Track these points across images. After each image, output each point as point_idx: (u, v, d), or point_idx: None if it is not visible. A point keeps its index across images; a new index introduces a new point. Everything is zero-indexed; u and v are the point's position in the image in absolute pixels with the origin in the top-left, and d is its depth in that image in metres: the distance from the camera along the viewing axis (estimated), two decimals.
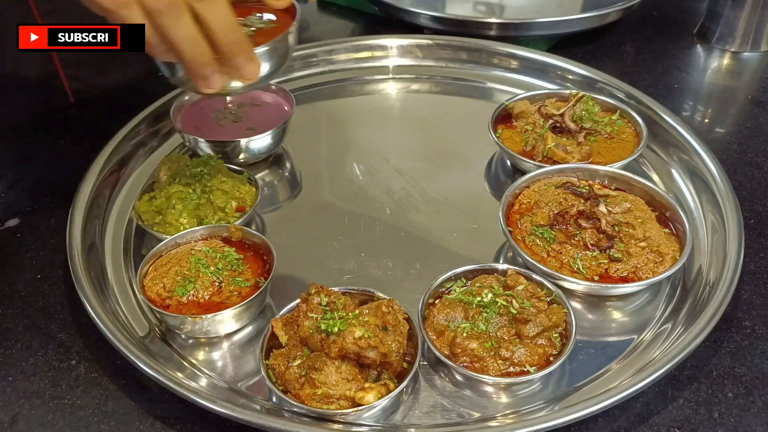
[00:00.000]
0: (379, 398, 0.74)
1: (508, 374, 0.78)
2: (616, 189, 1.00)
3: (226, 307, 0.83)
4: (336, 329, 0.74)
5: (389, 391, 0.74)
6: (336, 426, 0.75)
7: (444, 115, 1.28)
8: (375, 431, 0.76)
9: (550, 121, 1.11)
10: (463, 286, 0.86)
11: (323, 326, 0.75)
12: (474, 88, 1.35)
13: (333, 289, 0.82)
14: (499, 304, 0.82)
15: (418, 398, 0.80)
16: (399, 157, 1.20)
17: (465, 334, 0.80)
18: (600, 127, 1.11)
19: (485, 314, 0.81)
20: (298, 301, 0.82)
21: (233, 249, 0.90)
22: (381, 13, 1.59)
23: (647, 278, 0.87)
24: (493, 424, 0.75)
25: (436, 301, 0.85)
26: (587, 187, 0.98)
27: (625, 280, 0.87)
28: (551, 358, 0.79)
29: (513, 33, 1.45)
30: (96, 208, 1.04)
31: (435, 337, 0.81)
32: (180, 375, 0.80)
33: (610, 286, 0.86)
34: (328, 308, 0.79)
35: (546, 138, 1.08)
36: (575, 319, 0.81)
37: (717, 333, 0.85)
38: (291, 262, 0.97)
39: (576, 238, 0.91)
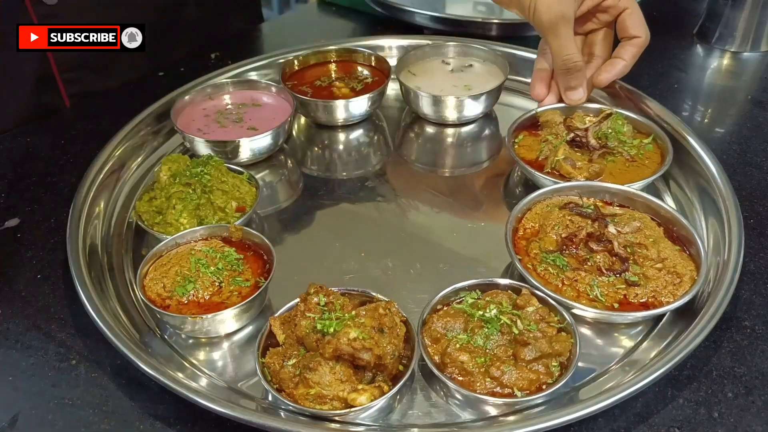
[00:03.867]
0: (372, 400, 0.73)
1: (493, 394, 0.76)
2: (620, 206, 0.97)
3: (226, 307, 0.83)
4: (332, 330, 0.74)
5: (383, 393, 0.74)
6: (335, 426, 0.75)
7: None
8: (373, 431, 0.76)
9: (571, 135, 1.07)
10: (476, 299, 0.84)
11: (319, 326, 0.75)
12: None
13: (333, 289, 0.82)
14: (502, 321, 0.79)
15: (417, 398, 0.80)
16: (399, 156, 1.20)
17: (458, 346, 0.78)
18: (624, 149, 1.06)
19: (486, 330, 0.79)
20: (298, 300, 0.82)
21: (233, 249, 0.90)
22: (381, 13, 1.59)
23: (668, 302, 0.83)
24: (492, 423, 0.75)
25: (445, 308, 0.84)
26: (592, 207, 0.95)
27: (645, 305, 0.84)
28: (544, 387, 0.76)
29: (513, 33, 1.45)
30: (96, 208, 1.04)
31: (430, 343, 0.80)
32: (180, 375, 0.80)
33: (631, 314, 0.83)
34: (326, 308, 0.79)
35: (557, 150, 1.05)
36: (579, 347, 0.78)
37: (717, 333, 0.85)
38: (291, 262, 0.97)
39: (589, 263, 0.88)
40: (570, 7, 1.03)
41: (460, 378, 0.77)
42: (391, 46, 1.39)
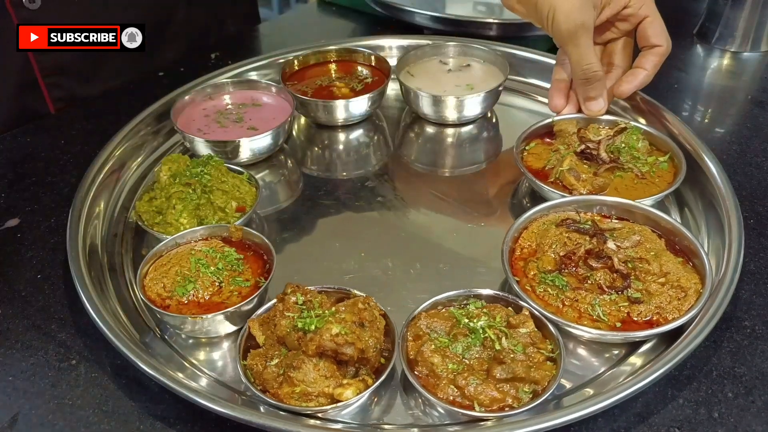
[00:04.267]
0: (358, 394, 0.74)
1: (452, 402, 0.75)
2: (619, 219, 0.95)
3: (226, 307, 0.83)
4: (313, 327, 0.75)
5: (367, 387, 0.75)
6: (333, 426, 0.75)
7: None
8: (373, 429, 0.76)
9: (583, 146, 1.05)
10: (479, 307, 0.82)
11: (300, 324, 0.76)
12: None
13: (309, 287, 0.83)
14: (487, 335, 0.78)
15: (400, 392, 0.80)
16: (399, 156, 1.20)
17: (433, 347, 0.77)
18: (636, 165, 1.03)
19: (470, 339, 0.78)
20: (275, 301, 0.82)
21: (233, 249, 0.90)
22: (381, 13, 1.59)
23: (674, 318, 0.81)
24: (490, 424, 0.75)
25: (441, 310, 0.83)
26: (589, 222, 0.92)
27: (650, 323, 0.82)
28: (507, 409, 0.74)
29: (513, 33, 1.45)
30: (96, 208, 1.04)
31: (411, 338, 0.80)
32: (180, 375, 0.81)
33: (636, 333, 0.80)
34: (304, 307, 0.79)
35: (563, 160, 1.03)
36: (559, 380, 0.76)
37: (717, 333, 0.85)
38: (291, 262, 0.97)
39: (589, 281, 0.85)
40: (590, 15, 1.01)
41: (428, 378, 0.76)
42: (391, 46, 1.39)
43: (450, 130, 1.24)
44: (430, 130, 1.24)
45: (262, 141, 1.11)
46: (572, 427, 0.75)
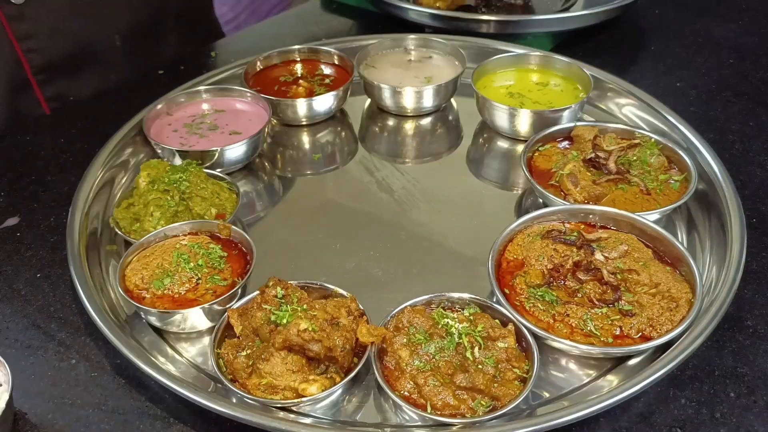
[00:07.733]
0: (323, 391, 0.74)
1: (406, 398, 0.74)
2: (603, 227, 0.93)
3: (198, 305, 0.83)
4: (284, 321, 0.76)
5: (334, 384, 0.75)
6: (333, 428, 0.75)
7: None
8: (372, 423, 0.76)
9: (593, 154, 1.03)
10: (473, 313, 0.81)
11: (273, 318, 0.77)
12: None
13: (291, 282, 0.83)
14: (461, 342, 0.77)
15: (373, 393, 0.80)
16: (401, 155, 1.19)
17: (405, 341, 0.77)
18: (644, 180, 1.00)
19: (446, 341, 0.77)
20: (257, 292, 0.83)
21: (219, 246, 0.90)
22: (382, 11, 1.58)
23: (668, 331, 0.79)
24: (490, 423, 0.75)
25: (430, 309, 0.83)
26: (575, 233, 0.91)
27: (644, 337, 0.80)
28: (457, 416, 0.73)
29: (513, 30, 1.44)
30: (96, 207, 1.03)
31: (391, 329, 0.80)
32: (180, 374, 0.80)
33: (632, 348, 0.79)
34: (283, 301, 0.80)
35: (566, 164, 1.01)
36: (520, 403, 0.74)
37: (719, 333, 0.84)
38: (291, 262, 0.97)
39: (579, 295, 0.84)
40: None
41: (393, 371, 0.77)
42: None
43: (410, 123, 1.25)
44: (391, 122, 1.25)
45: (238, 150, 1.08)
46: (574, 426, 0.75)
